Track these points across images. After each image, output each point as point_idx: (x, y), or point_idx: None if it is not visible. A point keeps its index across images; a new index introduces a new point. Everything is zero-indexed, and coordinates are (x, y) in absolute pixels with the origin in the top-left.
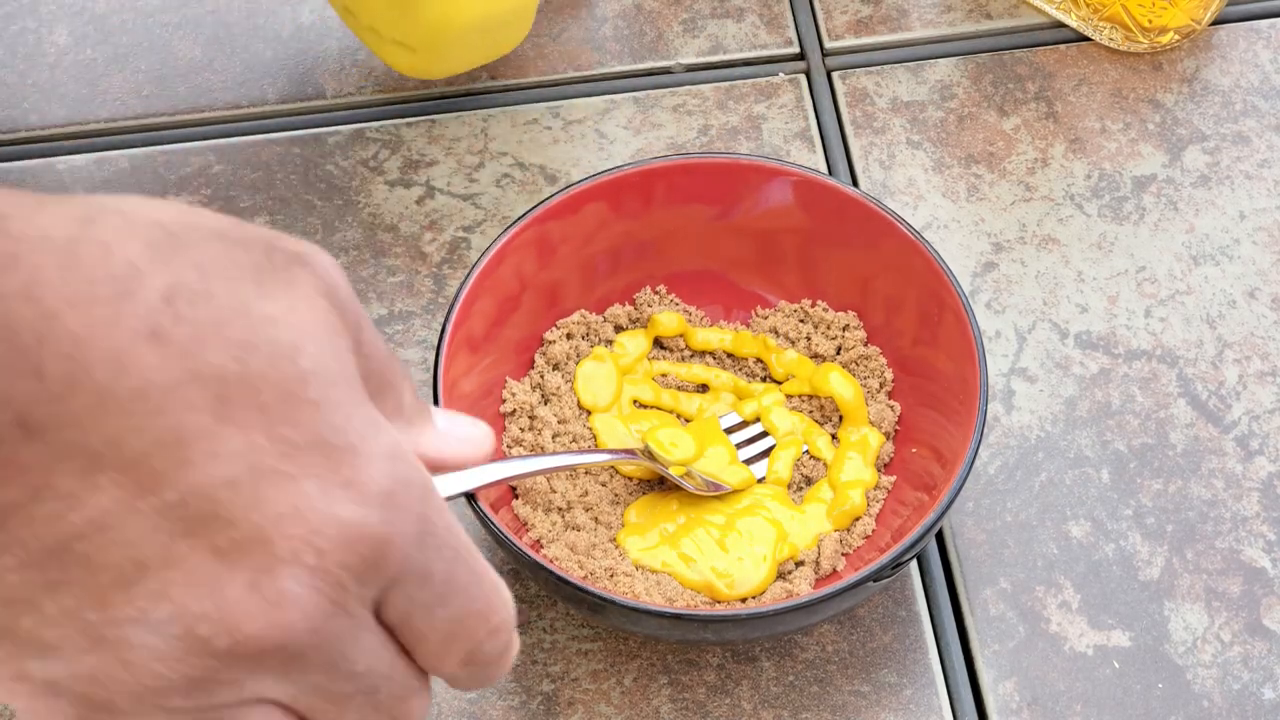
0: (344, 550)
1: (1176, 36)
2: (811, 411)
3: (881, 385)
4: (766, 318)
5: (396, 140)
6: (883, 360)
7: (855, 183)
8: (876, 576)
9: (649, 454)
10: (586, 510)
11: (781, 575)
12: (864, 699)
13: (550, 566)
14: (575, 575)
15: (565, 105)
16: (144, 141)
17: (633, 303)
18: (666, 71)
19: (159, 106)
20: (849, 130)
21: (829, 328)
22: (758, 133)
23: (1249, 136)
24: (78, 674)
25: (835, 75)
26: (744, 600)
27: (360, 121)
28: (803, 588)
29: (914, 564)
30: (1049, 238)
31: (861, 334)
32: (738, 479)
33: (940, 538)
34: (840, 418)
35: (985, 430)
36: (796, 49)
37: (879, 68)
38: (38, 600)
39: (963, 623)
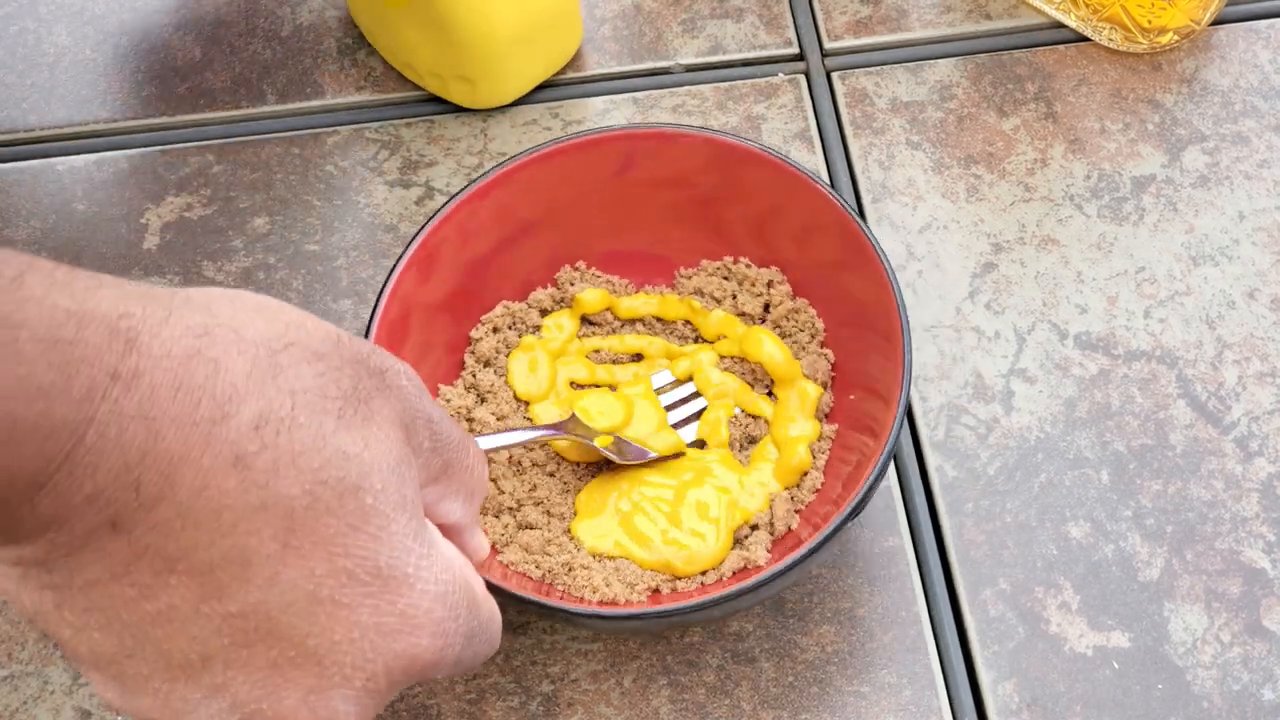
0: (393, 674)
1: (1176, 37)
2: (744, 374)
3: (813, 336)
4: (690, 278)
5: (396, 140)
6: (812, 311)
7: (855, 183)
8: (854, 513)
9: (576, 424)
10: (537, 505)
11: (738, 541)
12: (863, 699)
13: (506, 586)
14: (533, 575)
15: (565, 105)
16: (144, 142)
17: (554, 284)
18: (666, 72)
19: (159, 107)
20: (848, 130)
21: (753, 284)
22: (757, 133)
23: (1248, 137)
24: (141, 713)
25: (835, 75)
26: (704, 573)
27: (360, 121)
28: (759, 553)
29: (914, 564)
30: (1048, 238)
31: (787, 288)
32: (664, 444)
33: (940, 538)
34: (773, 381)
35: (987, 432)
36: (796, 49)
37: (878, 68)
38: (118, 660)
39: (962, 623)
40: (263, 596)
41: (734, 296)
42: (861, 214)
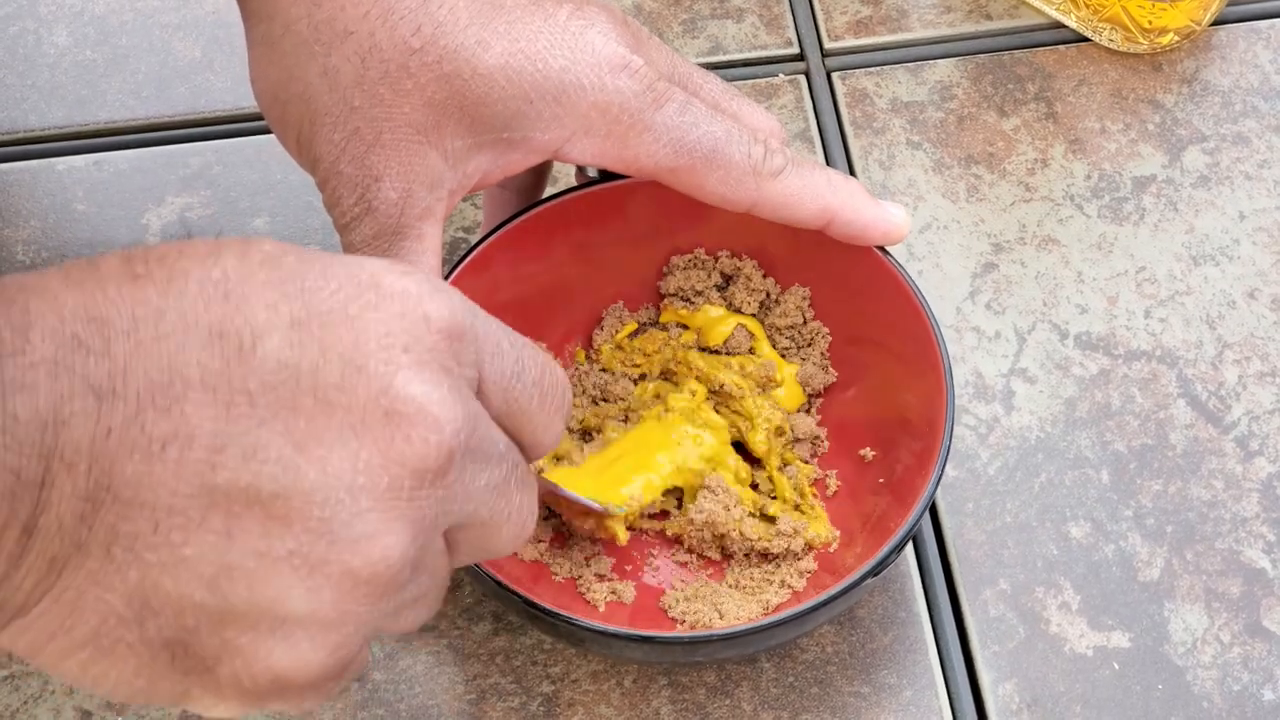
0: (421, 330)
1: (1176, 37)
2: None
3: (817, 347)
4: (670, 274)
5: None
6: (817, 323)
7: None
8: (876, 570)
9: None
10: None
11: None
12: (864, 700)
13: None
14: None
15: None
16: (144, 142)
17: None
18: None
19: (158, 107)
20: (849, 131)
21: (749, 279)
22: None
23: (1249, 137)
24: (305, 611)
25: (835, 76)
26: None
27: None
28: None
29: (914, 565)
30: (1049, 238)
31: (788, 290)
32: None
33: (940, 539)
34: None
35: (987, 431)
36: (796, 50)
37: (879, 68)
38: (238, 564)
39: (962, 624)
40: (267, 359)
41: (719, 289)
42: None
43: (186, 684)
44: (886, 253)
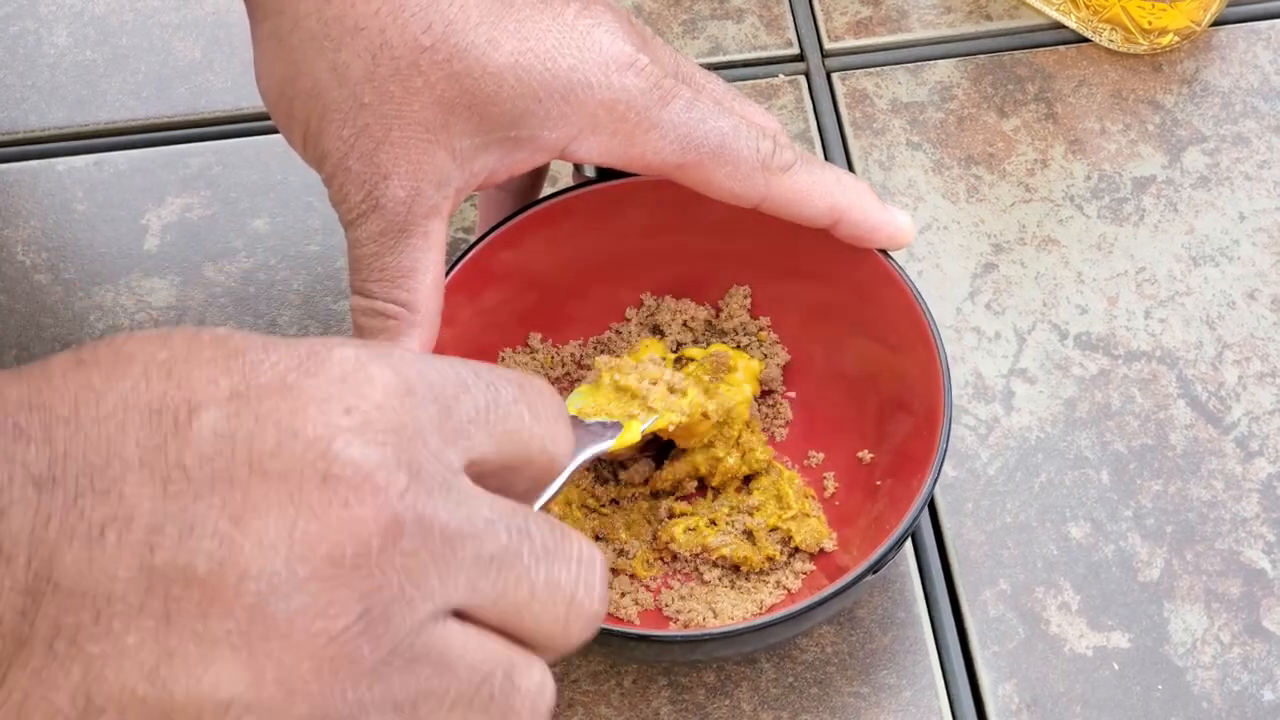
0: (364, 392)
1: (1176, 38)
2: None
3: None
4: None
5: None
6: (774, 336)
7: None
8: (875, 568)
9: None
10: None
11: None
12: (863, 700)
13: None
14: None
15: None
16: (143, 143)
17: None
18: None
19: (158, 108)
20: (849, 131)
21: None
22: None
23: (1249, 138)
24: (247, 694)
25: (835, 76)
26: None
27: None
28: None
29: (913, 565)
30: (1049, 239)
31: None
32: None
33: (940, 539)
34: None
35: (987, 432)
36: (796, 50)
37: (879, 69)
38: (177, 649)
39: (962, 624)
40: (200, 430)
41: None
42: None
43: None
44: (885, 253)
